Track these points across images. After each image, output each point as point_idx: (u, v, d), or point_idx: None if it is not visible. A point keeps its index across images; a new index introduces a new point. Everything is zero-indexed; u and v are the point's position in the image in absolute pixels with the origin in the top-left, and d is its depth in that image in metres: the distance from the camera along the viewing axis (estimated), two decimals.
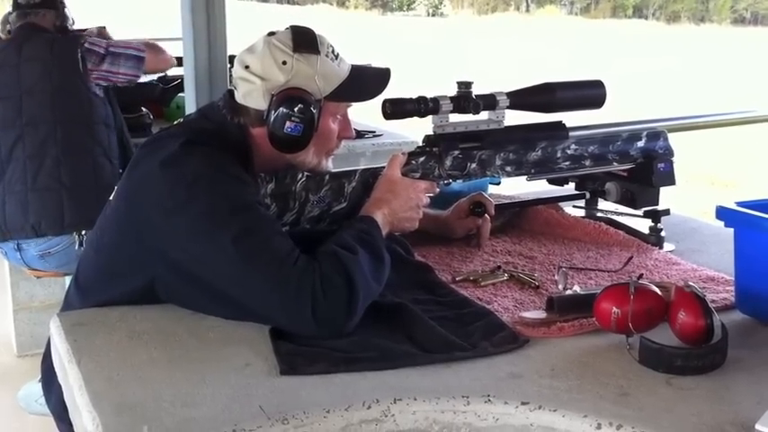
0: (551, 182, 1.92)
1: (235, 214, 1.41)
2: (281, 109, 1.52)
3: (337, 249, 1.40)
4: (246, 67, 1.56)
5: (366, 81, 1.63)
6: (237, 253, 1.37)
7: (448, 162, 1.69)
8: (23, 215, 2.80)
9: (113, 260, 1.54)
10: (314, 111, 1.54)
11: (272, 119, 1.53)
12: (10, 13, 3.10)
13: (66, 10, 3.09)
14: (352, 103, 1.66)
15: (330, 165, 1.67)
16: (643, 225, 1.89)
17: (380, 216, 1.54)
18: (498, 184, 1.85)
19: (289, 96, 1.53)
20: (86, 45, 2.91)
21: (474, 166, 1.72)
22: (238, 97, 1.57)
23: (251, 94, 1.55)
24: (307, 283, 1.34)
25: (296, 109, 1.52)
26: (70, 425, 1.31)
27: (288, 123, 1.53)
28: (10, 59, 2.90)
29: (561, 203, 2.01)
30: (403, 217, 1.59)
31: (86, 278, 1.61)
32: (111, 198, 1.61)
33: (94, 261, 1.60)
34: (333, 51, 1.59)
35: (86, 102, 2.88)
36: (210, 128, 1.56)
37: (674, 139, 1.89)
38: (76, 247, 2.79)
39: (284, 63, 1.54)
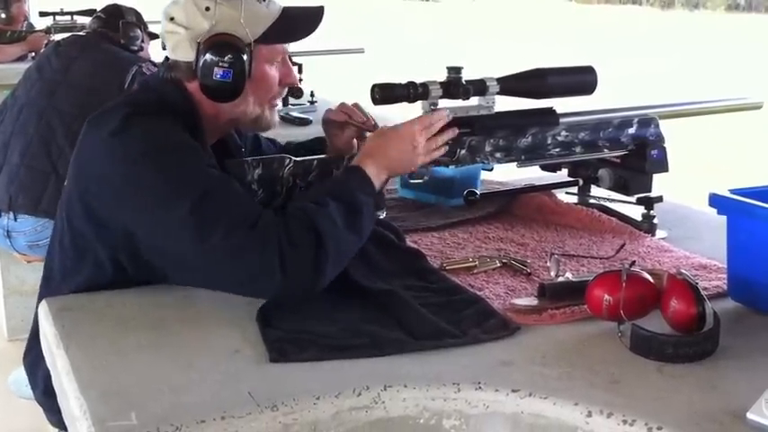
0: (544, 168, 1.91)
1: (187, 183, 1.38)
2: (208, 56, 1.49)
3: (305, 204, 1.38)
4: (171, 18, 1.53)
5: (296, 20, 1.58)
6: (196, 223, 1.35)
7: None
8: (8, 186, 2.85)
9: (74, 242, 1.51)
10: (243, 56, 1.50)
11: (200, 68, 1.50)
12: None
13: (132, 33, 3.16)
14: (288, 46, 1.61)
15: (276, 118, 1.64)
16: (636, 212, 1.88)
17: (370, 163, 1.51)
18: (491, 170, 1.84)
19: (214, 42, 1.50)
20: (143, 69, 3.00)
21: (463, 152, 1.70)
22: (168, 52, 1.54)
23: (179, 46, 1.52)
24: (271, 242, 1.32)
25: (223, 55, 1.49)
26: (57, 413, 1.31)
27: (216, 70, 1.49)
28: (70, 51, 3.05)
29: (554, 190, 2.00)
30: (398, 158, 1.55)
31: (55, 270, 1.57)
32: (65, 183, 1.58)
33: (59, 250, 1.56)
34: None
35: None
36: (152, 97, 1.53)
37: (666, 126, 1.88)
38: None
39: (207, 9, 1.50)
